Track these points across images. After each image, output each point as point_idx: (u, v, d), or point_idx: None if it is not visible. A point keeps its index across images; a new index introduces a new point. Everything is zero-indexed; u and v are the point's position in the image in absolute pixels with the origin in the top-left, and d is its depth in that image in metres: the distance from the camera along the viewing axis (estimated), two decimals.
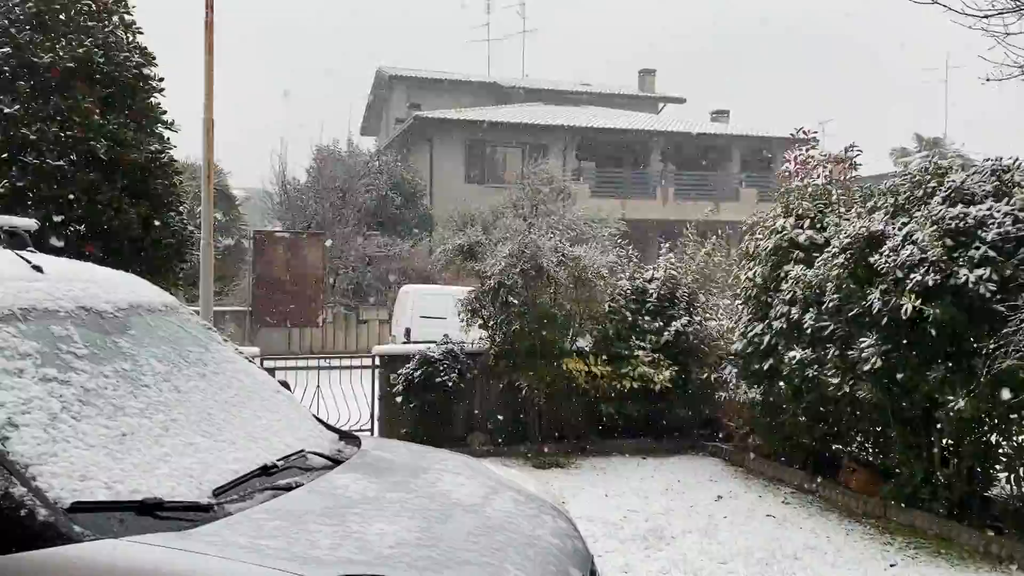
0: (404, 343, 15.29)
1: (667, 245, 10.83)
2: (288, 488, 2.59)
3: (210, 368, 3.13)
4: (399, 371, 8.99)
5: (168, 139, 9.25)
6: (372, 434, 9.09)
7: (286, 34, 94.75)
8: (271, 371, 8.41)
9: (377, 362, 9.35)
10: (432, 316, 15.15)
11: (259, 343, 17.14)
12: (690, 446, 9.53)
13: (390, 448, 3.54)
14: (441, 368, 8.85)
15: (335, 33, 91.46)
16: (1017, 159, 6.29)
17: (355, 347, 21.13)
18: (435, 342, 9.38)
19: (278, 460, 2.76)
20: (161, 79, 9.17)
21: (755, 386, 7.99)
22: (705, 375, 9.32)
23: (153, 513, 2.16)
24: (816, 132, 9.54)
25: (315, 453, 2.99)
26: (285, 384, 3.70)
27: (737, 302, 8.73)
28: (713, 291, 10.29)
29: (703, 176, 31.18)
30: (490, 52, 78.53)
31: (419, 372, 8.82)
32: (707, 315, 9.97)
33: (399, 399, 8.95)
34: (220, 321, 19.17)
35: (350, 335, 22.11)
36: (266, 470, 2.67)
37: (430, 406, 8.91)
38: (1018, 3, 5.91)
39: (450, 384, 8.82)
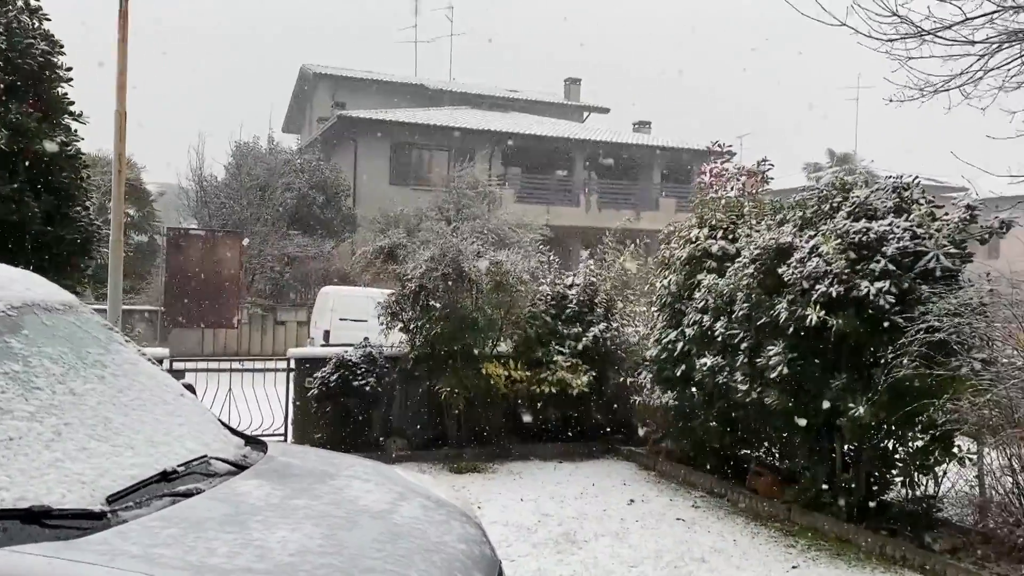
0: (323, 345, 15.06)
1: (587, 252, 10.97)
2: (188, 494, 2.52)
3: (110, 370, 3.03)
4: (315, 375, 8.84)
5: (76, 131, 8.88)
6: (286, 439, 8.93)
7: (212, 31, 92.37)
8: (181, 373, 8.17)
9: (292, 365, 9.17)
10: (352, 318, 14.98)
11: (171, 344, 16.65)
12: (606, 450, 9.66)
13: (298, 454, 3.49)
14: (358, 372, 8.74)
15: (262, 31, 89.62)
16: (916, 177, 6.61)
17: (272, 349, 20.72)
18: (354, 345, 9.27)
19: (179, 466, 2.69)
20: (69, 68, 8.80)
21: (668, 391, 8.16)
22: (621, 380, 9.46)
23: (40, 521, 2.07)
24: (731, 146, 9.82)
25: (219, 459, 2.92)
26: (190, 387, 3.60)
27: (653, 309, 8.90)
28: (631, 298, 10.47)
29: (625, 185, 31.74)
30: (417, 55, 78.54)
31: (335, 376, 8.69)
32: (624, 321, 10.15)
33: (314, 403, 8.81)
34: (129, 320, 18.53)
35: (267, 337, 21.65)
36: (166, 476, 2.59)
37: (346, 411, 8.79)
38: (919, 29, 6.20)
39: (367, 388, 8.72)
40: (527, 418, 9.49)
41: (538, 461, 9.21)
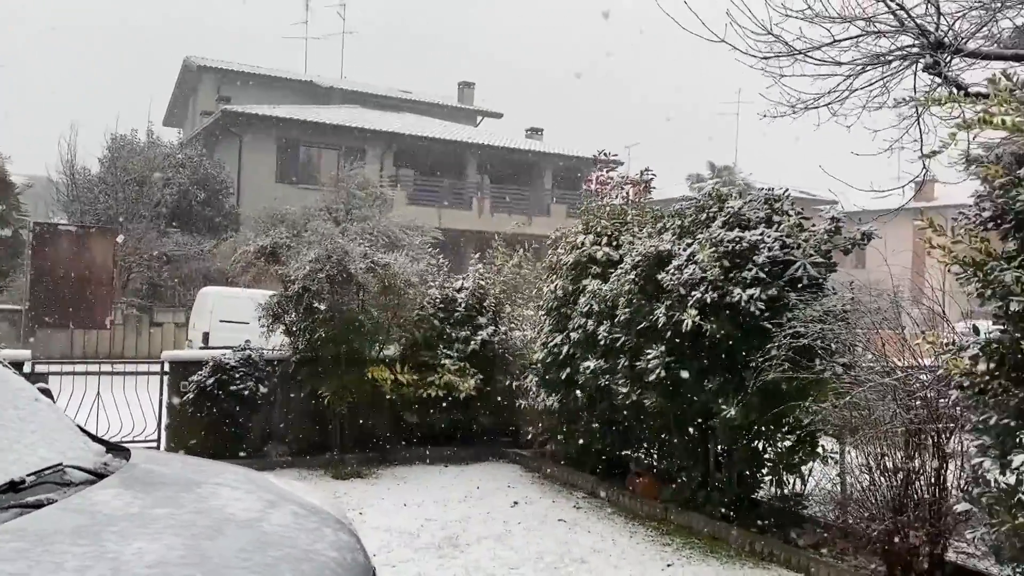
0: (202, 348, 14.53)
1: (477, 256, 10.98)
2: (38, 505, 2.38)
3: None
4: (191, 378, 8.50)
5: None
6: (159, 446, 8.54)
7: (89, 18, 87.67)
8: (43, 376, 7.71)
9: (167, 368, 8.78)
10: (233, 320, 14.50)
11: (36, 346, 15.70)
12: (492, 453, 9.70)
13: (163, 461, 3.34)
14: (237, 375, 8.46)
15: (143, 21, 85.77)
16: (786, 189, 6.94)
17: (148, 351, 19.79)
18: (234, 348, 8.96)
19: (29, 475, 2.54)
20: None
21: (553, 394, 8.27)
22: (508, 383, 9.52)
23: None
24: (616, 155, 10.06)
25: (75, 467, 2.76)
26: (47, 391, 3.41)
27: (540, 313, 9.01)
28: (519, 302, 10.55)
29: (517, 190, 32.05)
30: (308, 52, 77.27)
31: (212, 379, 8.38)
32: (512, 325, 10.22)
33: (190, 408, 8.46)
34: None
35: (142, 339, 20.68)
36: (13, 486, 2.45)
37: (224, 416, 8.48)
38: (791, 49, 6.51)
39: (246, 392, 8.45)
40: (414, 422, 9.42)
41: (423, 465, 9.16)
